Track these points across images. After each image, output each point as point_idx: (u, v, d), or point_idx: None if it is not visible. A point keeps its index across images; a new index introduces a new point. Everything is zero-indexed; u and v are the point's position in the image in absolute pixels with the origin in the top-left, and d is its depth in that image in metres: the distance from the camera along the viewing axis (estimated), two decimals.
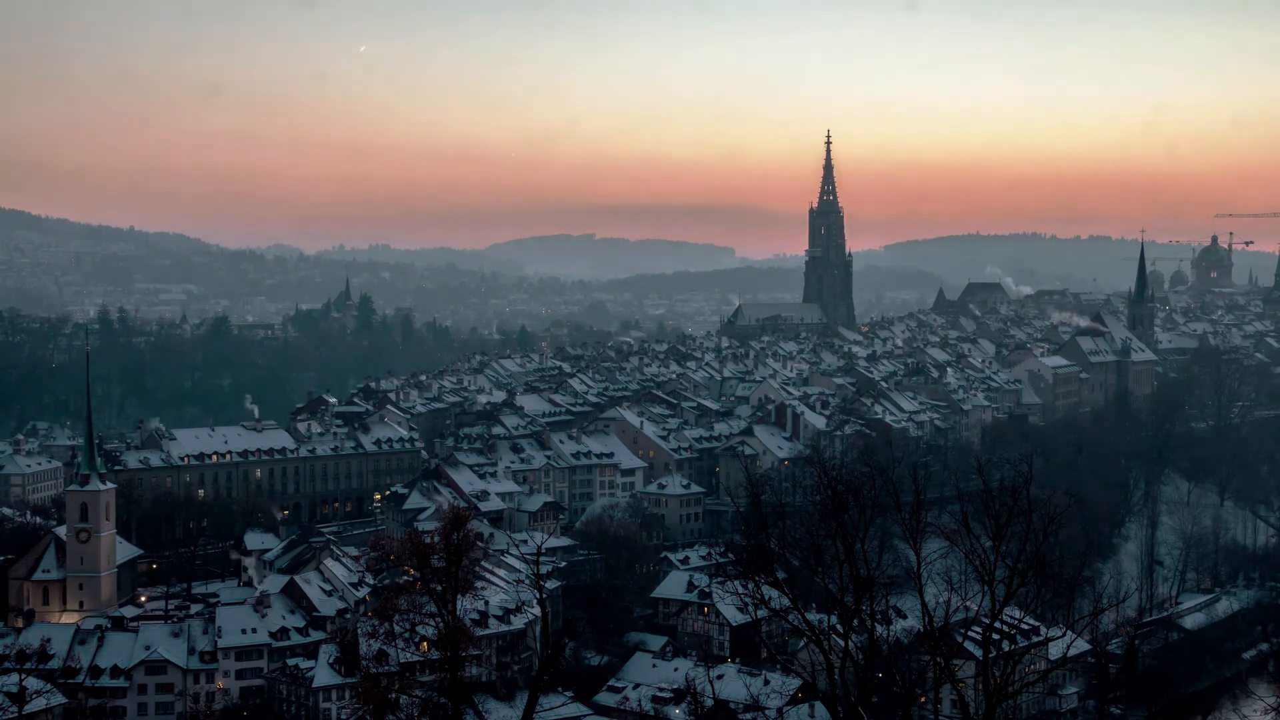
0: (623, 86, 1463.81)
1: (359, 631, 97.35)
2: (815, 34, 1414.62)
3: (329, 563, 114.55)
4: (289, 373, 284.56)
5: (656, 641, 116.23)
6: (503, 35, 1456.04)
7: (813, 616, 47.88)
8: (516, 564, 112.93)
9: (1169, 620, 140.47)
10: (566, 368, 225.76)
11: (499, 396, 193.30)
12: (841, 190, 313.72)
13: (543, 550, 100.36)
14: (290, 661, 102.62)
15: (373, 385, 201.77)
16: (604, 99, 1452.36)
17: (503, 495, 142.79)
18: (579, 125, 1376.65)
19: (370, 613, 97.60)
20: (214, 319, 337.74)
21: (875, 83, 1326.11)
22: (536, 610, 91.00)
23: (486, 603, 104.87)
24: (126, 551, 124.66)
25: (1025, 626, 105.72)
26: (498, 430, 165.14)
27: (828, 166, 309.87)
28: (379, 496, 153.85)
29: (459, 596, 57.55)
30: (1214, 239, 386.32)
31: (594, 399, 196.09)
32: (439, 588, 56.87)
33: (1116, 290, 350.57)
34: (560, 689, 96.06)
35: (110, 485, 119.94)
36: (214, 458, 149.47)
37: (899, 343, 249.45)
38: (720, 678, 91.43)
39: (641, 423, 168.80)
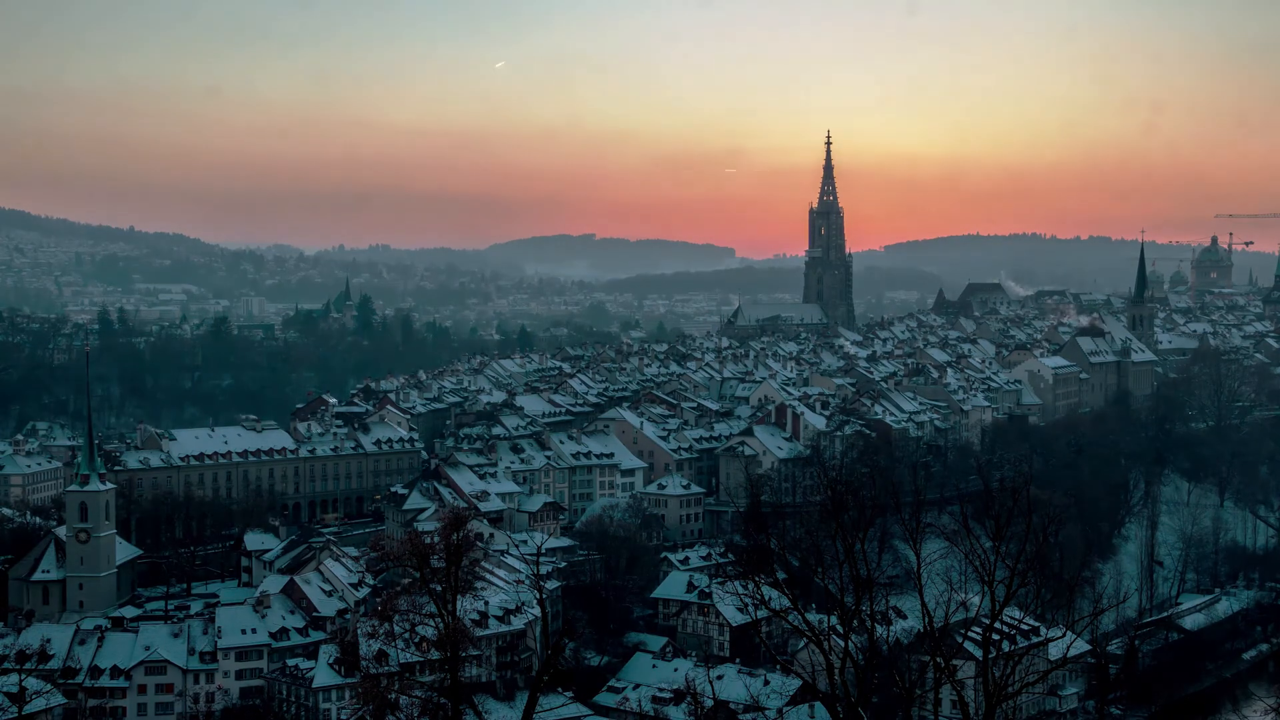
0: (623, 86, 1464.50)
1: (359, 632, 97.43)
2: (816, 34, 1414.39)
3: (329, 563, 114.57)
4: (289, 373, 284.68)
5: (656, 642, 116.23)
6: (502, 35, 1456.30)
7: (813, 617, 47.87)
8: (516, 564, 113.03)
9: (1169, 621, 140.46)
10: (566, 368, 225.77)
11: (499, 397, 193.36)
12: (841, 190, 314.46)
13: (543, 550, 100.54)
14: (290, 662, 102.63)
15: (373, 385, 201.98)
16: (604, 98, 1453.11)
17: (503, 495, 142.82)
18: (579, 124, 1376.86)
19: (370, 613, 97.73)
20: (214, 319, 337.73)
21: (875, 83, 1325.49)
22: (536, 610, 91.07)
23: (486, 603, 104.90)
24: (126, 551, 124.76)
25: (1025, 627, 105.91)
26: (498, 430, 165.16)
27: (828, 166, 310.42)
28: (379, 496, 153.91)
29: (459, 597, 57.58)
30: (1214, 239, 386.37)
31: (594, 399, 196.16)
32: (439, 588, 56.92)
33: (1116, 290, 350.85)
34: (560, 689, 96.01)
35: (110, 485, 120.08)
36: (214, 458, 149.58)
37: (899, 343, 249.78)
38: (720, 678, 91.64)
39: (641, 423, 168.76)
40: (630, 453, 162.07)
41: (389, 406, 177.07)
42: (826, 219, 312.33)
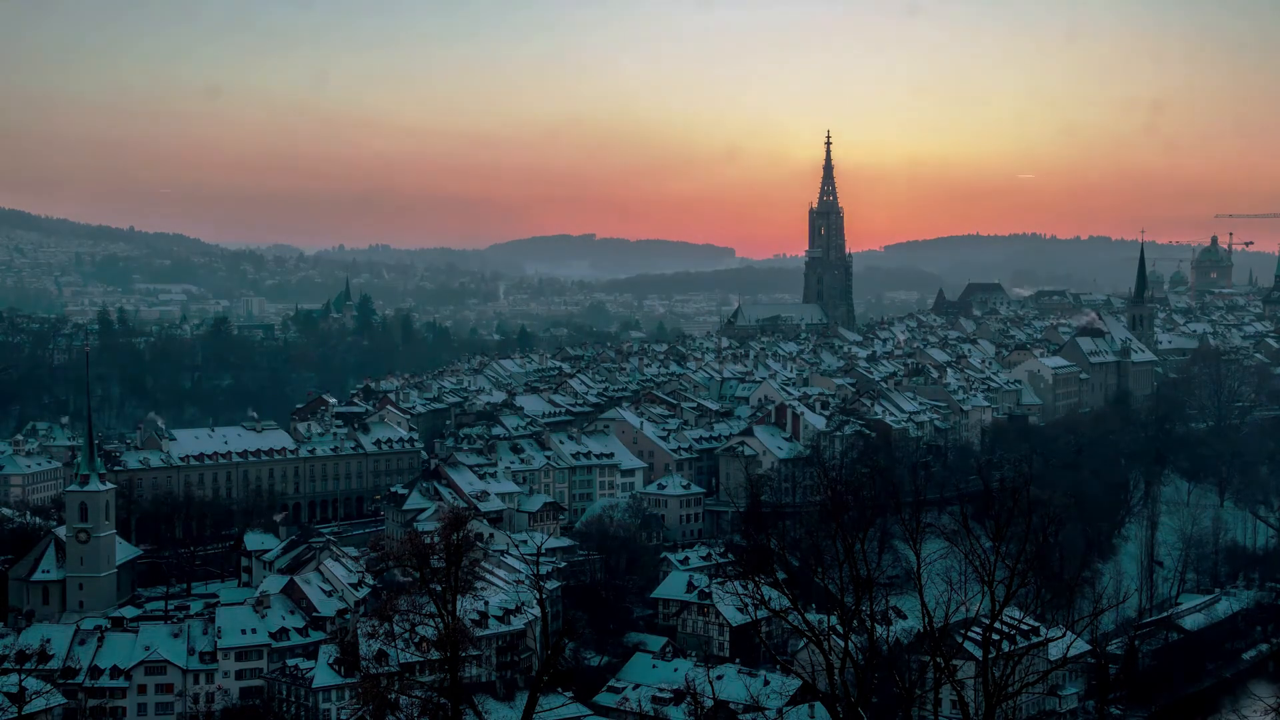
0: (623, 86, 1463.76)
1: (359, 632, 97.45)
2: (815, 33, 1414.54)
3: (329, 563, 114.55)
4: (289, 373, 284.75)
5: (656, 642, 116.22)
6: (502, 35, 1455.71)
7: (813, 617, 47.85)
8: (516, 564, 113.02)
9: (1169, 621, 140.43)
10: (566, 368, 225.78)
11: (499, 397, 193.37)
12: (841, 190, 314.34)
13: (543, 550, 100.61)
14: (290, 662, 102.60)
15: (373, 385, 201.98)
16: (604, 99, 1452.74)
17: (503, 495, 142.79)
18: (579, 124, 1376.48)
19: (370, 613, 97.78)
20: (214, 319, 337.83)
21: (875, 83, 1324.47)
22: (536, 610, 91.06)
23: (486, 603, 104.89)
24: (126, 551, 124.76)
25: (1025, 626, 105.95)
26: (498, 430, 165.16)
27: (828, 166, 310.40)
28: (379, 497, 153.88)
29: (459, 597, 57.61)
30: (1214, 239, 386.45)
31: (594, 399, 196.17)
32: (439, 588, 56.95)
33: (1116, 291, 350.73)
34: (560, 689, 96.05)
35: (110, 485, 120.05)
36: (214, 458, 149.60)
37: (899, 343, 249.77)
38: (720, 678, 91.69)
39: (641, 423, 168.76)
40: (630, 453, 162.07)
41: (389, 406, 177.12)
42: (826, 219, 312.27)
